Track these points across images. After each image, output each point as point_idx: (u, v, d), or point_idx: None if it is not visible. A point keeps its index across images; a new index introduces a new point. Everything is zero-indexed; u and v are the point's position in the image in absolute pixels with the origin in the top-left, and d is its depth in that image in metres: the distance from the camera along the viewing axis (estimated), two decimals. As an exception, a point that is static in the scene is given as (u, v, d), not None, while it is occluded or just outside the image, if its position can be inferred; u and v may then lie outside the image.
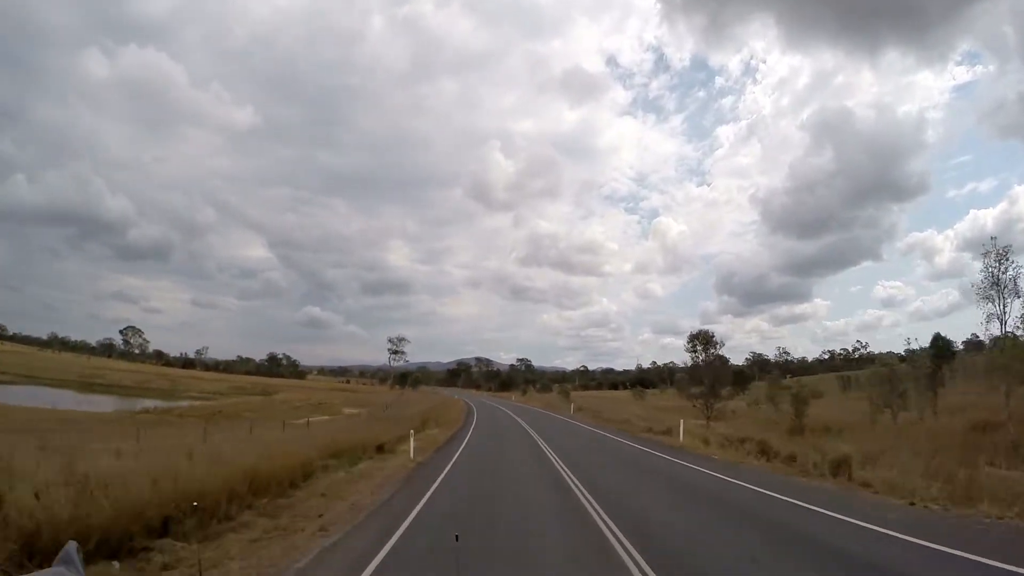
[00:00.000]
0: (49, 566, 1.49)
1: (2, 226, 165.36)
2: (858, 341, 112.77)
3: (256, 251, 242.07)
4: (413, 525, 8.03)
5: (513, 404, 59.32)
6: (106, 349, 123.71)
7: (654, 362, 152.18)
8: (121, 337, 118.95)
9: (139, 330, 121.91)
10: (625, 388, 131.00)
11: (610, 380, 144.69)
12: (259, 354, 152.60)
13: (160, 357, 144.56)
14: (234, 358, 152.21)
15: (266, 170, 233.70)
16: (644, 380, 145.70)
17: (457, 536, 4.45)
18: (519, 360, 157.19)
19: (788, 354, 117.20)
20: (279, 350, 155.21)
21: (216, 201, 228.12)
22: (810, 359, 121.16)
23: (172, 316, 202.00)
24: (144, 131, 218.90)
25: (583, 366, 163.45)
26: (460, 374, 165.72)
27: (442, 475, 12.96)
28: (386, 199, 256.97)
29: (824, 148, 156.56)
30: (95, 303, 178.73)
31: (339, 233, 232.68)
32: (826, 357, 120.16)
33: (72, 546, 1.54)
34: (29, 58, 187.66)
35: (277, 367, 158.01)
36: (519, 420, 35.99)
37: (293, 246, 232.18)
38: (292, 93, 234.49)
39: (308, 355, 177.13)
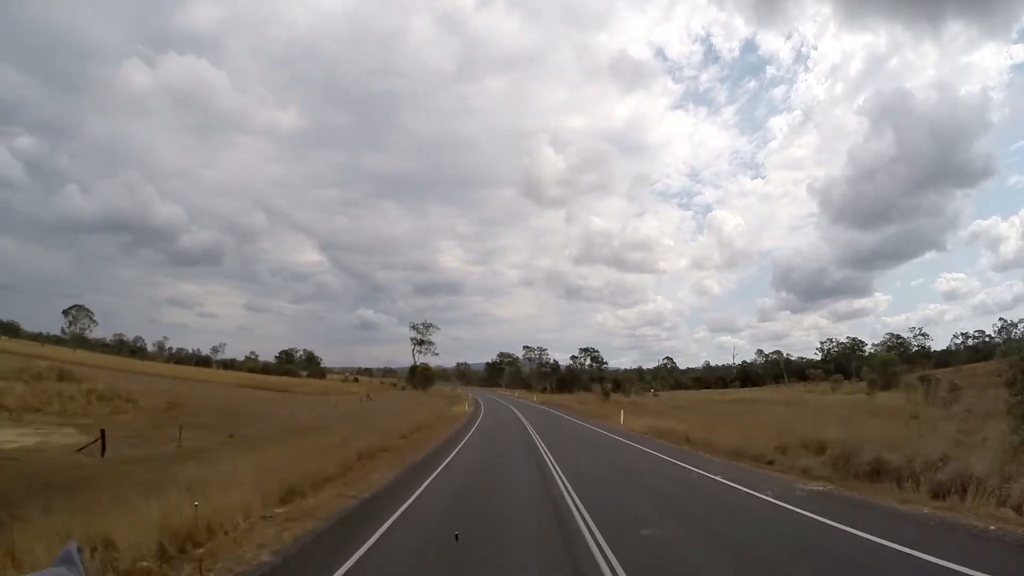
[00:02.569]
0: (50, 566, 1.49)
1: (59, 236, 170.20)
2: (1001, 318, 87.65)
3: (307, 255, 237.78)
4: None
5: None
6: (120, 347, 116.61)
7: (760, 350, 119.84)
8: (65, 319, 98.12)
9: (88, 310, 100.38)
10: (711, 387, 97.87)
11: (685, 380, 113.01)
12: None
13: (170, 355, 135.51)
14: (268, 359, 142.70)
15: (315, 174, 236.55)
16: (750, 376, 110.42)
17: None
18: (582, 351, 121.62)
19: (926, 335, 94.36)
20: (335, 352, 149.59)
21: (266, 206, 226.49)
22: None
23: (228, 320, 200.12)
24: (192, 138, 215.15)
25: (667, 358, 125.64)
26: (503, 368, 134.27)
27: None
28: (436, 200, 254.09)
29: (884, 132, 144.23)
30: (153, 308, 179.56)
31: (390, 235, 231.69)
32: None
33: (73, 546, 1.52)
34: (77, 72, 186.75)
35: (290, 364, 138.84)
36: None
37: (344, 249, 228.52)
38: (339, 98, 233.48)
39: (364, 357, 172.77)
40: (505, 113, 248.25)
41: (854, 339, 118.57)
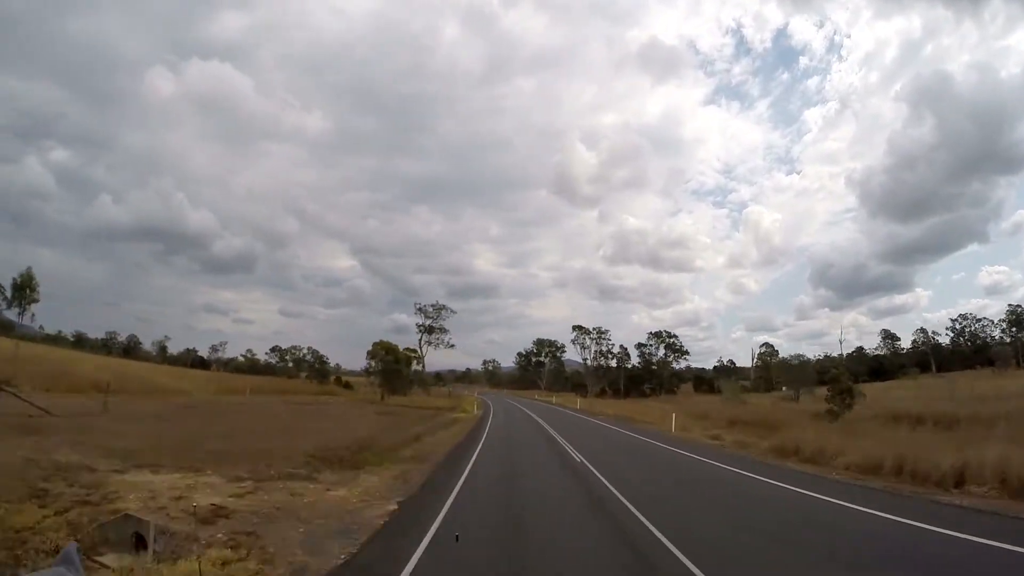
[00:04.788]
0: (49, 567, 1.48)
1: (94, 245, 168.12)
2: None
3: (340, 260, 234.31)
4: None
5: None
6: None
7: (885, 329, 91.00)
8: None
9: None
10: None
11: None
12: (351, 362, 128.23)
13: (164, 356, 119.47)
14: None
15: (346, 179, 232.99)
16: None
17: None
18: (652, 336, 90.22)
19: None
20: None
21: (298, 211, 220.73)
22: None
23: (264, 326, 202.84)
24: (222, 145, 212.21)
25: (766, 344, 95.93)
26: (543, 363, 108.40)
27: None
28: (469, 203, 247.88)
29: (923, 118, 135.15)
30: (188, 315, 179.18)
31: (422, 239, 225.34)
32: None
33: (72, 546, 1.53)
34: (107, 84, 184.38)
35: (287, 363, 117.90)
36: None
37: (376, 253, 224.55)
38: (368, 102, 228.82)
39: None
40: (536, 112, 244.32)
41: (1017, 306, 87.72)
